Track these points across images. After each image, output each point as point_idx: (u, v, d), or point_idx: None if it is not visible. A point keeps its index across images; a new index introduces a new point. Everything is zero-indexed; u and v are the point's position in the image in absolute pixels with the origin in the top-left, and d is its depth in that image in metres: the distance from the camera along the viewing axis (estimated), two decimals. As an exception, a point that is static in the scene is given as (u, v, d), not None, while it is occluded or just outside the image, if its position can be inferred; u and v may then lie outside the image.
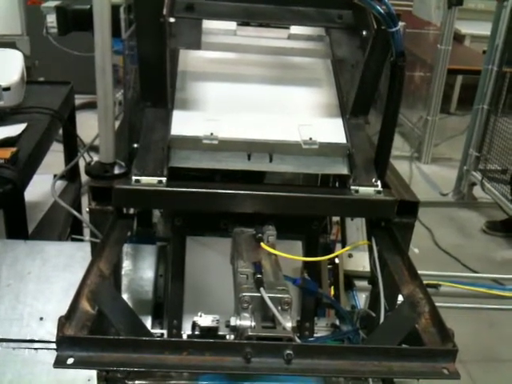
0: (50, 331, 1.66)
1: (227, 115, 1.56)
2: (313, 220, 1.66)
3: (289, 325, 1.10)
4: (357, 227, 1.99)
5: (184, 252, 1.64)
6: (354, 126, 1.56)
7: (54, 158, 2.66)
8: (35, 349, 1.66)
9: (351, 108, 1.58)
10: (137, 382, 1.43)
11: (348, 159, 1.49)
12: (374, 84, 1.55)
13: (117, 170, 1.45)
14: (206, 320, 1.58)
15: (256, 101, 1.65)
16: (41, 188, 2.40)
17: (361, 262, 1.92)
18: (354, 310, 1.76)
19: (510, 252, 4.06)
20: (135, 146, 1.51)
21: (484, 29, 4.94)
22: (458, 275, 2.53)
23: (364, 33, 1.47)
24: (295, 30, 1.72)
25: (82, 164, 1.65)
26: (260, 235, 1.42)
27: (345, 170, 1.48)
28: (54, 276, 1.77)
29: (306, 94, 1.70)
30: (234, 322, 1.12)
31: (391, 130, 1.47)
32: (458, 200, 4.73)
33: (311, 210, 1.49)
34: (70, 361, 0.99)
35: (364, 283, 1.86)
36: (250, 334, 1.08)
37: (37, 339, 1.67)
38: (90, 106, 4.40)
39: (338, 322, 1.77)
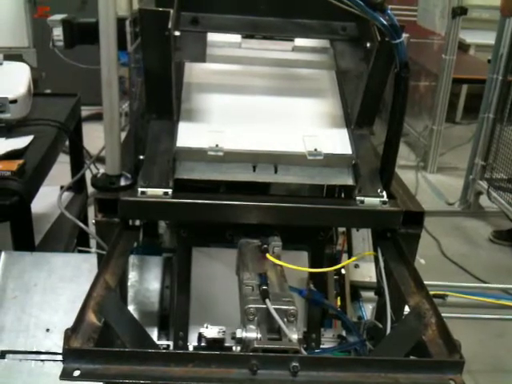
0: (56, 343, 1.66)
1: (232, 127, 1.56)
2: (318, 231, 1.66)
3: (295, 336, 1.10)
4: (363, 238, 1.99)
5: (190, 263, 1.64)
6: (359, 137, 1.57)
7: (61, 170, 2.67)
8: (42, 360, 1.66)
9: (356, 119, 1.59)
10: (143, 394, 1.42)
11: (353, 170, 1.50)
12: (379, 95, 1.56)
13: (123, 182, 1.46)
14: (212, 332, 1.57)
15: (261, 112, 1.66)
16: (47, 200, 2.41)
17: (367, 272, 1.92)
18: (360, 321, 1.76)
19: (518, 261, 4.04)
20: (141, 157, 1.52)
21: (488, 38, 4.95)
22: (465, 285, 2.51)
23: (368, 44, 1.48)
24: (299, 42, 1.73)
25: (88, 175, 1.66)
26: (265, 246, 1.42)
27: (350, 181, 1.49)
28: (61, 287, 1.78)
29: (311, 104, 1.71)
30: (239, 333, 1.12)
31: (396, 140, 1.47)
32: (464, 209, 4.71)
33: (317, 221, 1.49)
34: (77, 373, 0.99)
35: (370, 294, 1.86)
36: (255, 346, 1.08)
37: (43, 351, 1.67)
38: (97, 117, 4.43)
39: (344, 333, 1.77)
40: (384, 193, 1.45)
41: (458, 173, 5.02)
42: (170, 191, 1.41)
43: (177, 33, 1.44)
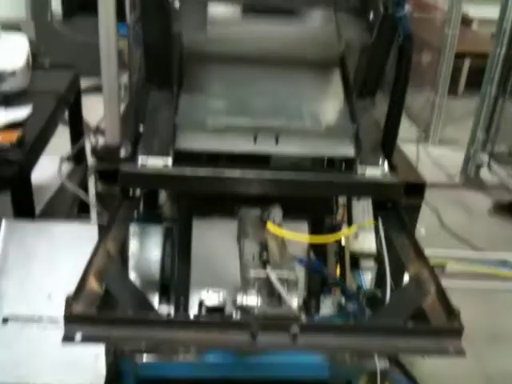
0: (58, 309, 1.66)
1: (233, 97, 1.55)
2: (319, 201, 1.67)
3: (295, 303, 1.11)
4: (363, 208, 1.98)
5: (190, 232, 1.65)
6: (361, 108, 1.56)
7: (61, 142, 2.66)
8: (44, 326, 1.68)
9: (358, 89, 1.58)
10: (144, 357, 1.44)
11: (354, 141, 1.49)
12: (381, 66, 1.54)
13: (123, 153, 1.46)
14: (212, 299, 1.59)
15: (262, 83, 1.64)
16: (47, 170, 2.40)
17: (367, 242, 1.92)
18: (359, 290, 1.77)
19: (518, 234, 4.05)
20: (141, 128, 1.51)
21: (492, 12, 4.88)
22: (464, 254, 2.52)
23: (371, 16, 1.46)
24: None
25: (88, 147, 1.65)
26: (266, 216, 1.43)
27: (351, 152, 1.48)
28: (62, 256, 1.78)
29: (313, 75, 1.69)
30: (240, 300, 1.13)
31: (398, 112, 1.46)
32: (464, 182, 4.70)
33: (318, 193, 1.49)
34: (78, 337, 1.01)
35: (370, 263, 1.87)
36: (256, 312, 1.09)
37: (45, 317, 1.69)
38: (96, 89, 4.39)
39: (343, 301, 1.78)
40: (385, 164, 1.45)
41: (460, 146, 4.99)
42: (170, 162, 1.40)
43: (177, 3, 1.42)
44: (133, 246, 1.78)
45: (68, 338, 1.01)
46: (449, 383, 2.56)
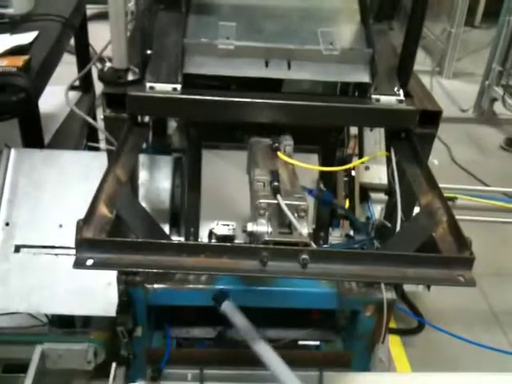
0: (69, 238, 1.68)
1: (245, 20, 1.49)
2: (330, 131, 1.64)
3: (305, 231, 1.10)
4: (374, 140, 1.95)
5: (200, 161, 1.64)
6: (378, 32, 1.50)
7: (67, 70, 2.61)
8: (55, 254, 1.70)
9: (375, 12, 1.51)
10: (155, 285, 1.46)
11: (370, 66, 1.44)
12: (400, -14, 1.47)
13: (130, 77, 1.42)
14: (222, 228, 1.59)
15: (274, 6, 1.58)
16: (55, 99, 2.36)
17: (377, 174, 1.91)
18: (368, 221, 1.77)
19: (528, 169, 4.02)
20: (148, 52, 1.46)
21: None
22: (475, 188, 2.50)
23: None
24: None
25: (95, 76, 1.60)
26: (277, 145, 1.40)
27: (366, 78, 1.43)
28: (71, 184, 1.78)
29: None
30: (250, 227, 1.13)
31: (416, 36, 1.40)
32: (477, 116, 4.63)
33: (331, 120, 1.45)
34: (90, 262, 1.01)
35: (380, 195, 1.86)
36: (266, 239, 1.09)
37: (57, 245, 1.70)
38: (102, 16, 4.27)
39: (352, 233, 1.79)
40: (401, 91, 1.41)
41: (474, 79, 4.88)
42: (178, 87, 1.37)
43: None
44: (142, 176, 1.78)
45: (79, 263, 1.01)
46: (453, 317, 2.61)
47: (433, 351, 2.50)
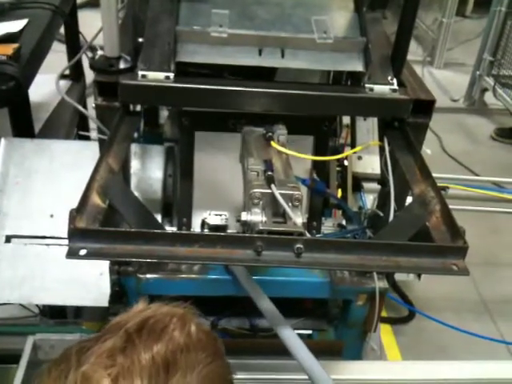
0: (60, 228, 1.67)
1: (238, 8, 1.48)
2: (323, 120, 1.63)
3: (299, 220, 1.10)
4: (367, 129, 1.95)
5: (192, 151, 1.62)
6: (371, 20, 1.49)
7: (57, 59, 2.58)
8: (47, 245, 1.69)
9: (369, 1, 1.50)
10: (148, 275, 1.46)
11: (364, 55, 1.43)
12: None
13: (122, 65, 1.40)
14: (214, 218, 1.59)
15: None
16: (45, 88, 2.34)
17: (370, 164, 1.91)
18: (361, 211, 1.77)
19: (519, 159, 4.05)
20: (140, 40, 1.45)
21: None
22: (466, 178, 2.52)
23: None
24: None
25: (86, 65, 1.58)
26: (270, 134, 1.39)
27: (360, 67, 1.43)
28: (63, 174, 1.77)
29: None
30: (244, 217, 1.12)
31: (410, 25, 1.39)
32: (468, 106, 4.65)
33: (325, 110, 1.44)
34: (83, 252, 1.00)
35: (372, 185, 1.86)
36: (260, 228, 1.08)
37: (48, 235, 1.69)
38: (93, 4, 4.23)
39: (344, 223, 1.79)
40: (394, 80, 1.40)
41: (465, 69, 4.90)
42: (171, 75, 1.35)
43: None
44: (134, 166, 1.76)
45: (72, 252, 1.00)
46: (443, 306, 2.63)
47: (423, 339, 2.53)
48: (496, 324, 2.67)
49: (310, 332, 1.78)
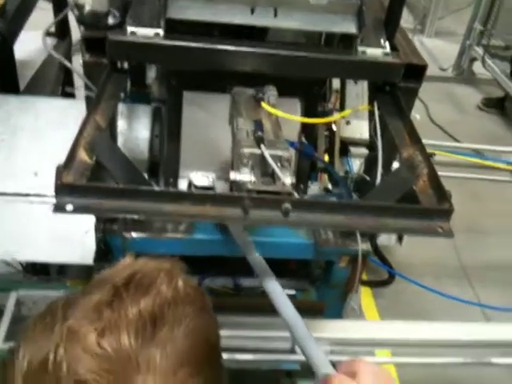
0: (45, 186, 1.65)
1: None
2: (313, 83, 1.62)
3: (288, 180, 1.10)
4: (357, 94, 1.94)
5: (180, 111, 1.61)
6: (365, -18, 1.46)
7: (42, 17, 2.51)
8: (31, 202, 1.67)
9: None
10: (133, 234, 1.46)
11: (357, 18, 1.41)
12: None
13: (111, 20, 1.37)
14: (201, 179, 1.58)
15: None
16: (30, 45, 2.28)
17: (358, 129, 1.90)
18: (347, 175, 1.77)
19: (503, 128, 4.07)
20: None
21: None
22: (453, 145, 2.53)
23: None
24: None
25: (72, 23, 1.53)
26: (261, 95, 1.38)
27: (353, 29, 1.41)
28: (48, 132, 1.74)
29: None
30: (233, 176, 1.12)
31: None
32: (456, 75, 4.64)
33: (316, 72, 1.43)
34: (70, 207, 1.00)
35: (359, 150, 1.86)
36: (249, 187, 1.08)
37: (32, 193, 1.67)
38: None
39: (330, 187, 1.79)
40: (387, 44, 1.39)
41: (455, 38, 4.87)
42: (161, 32, 1.33)
43: None
44: (121, 126, 1.74)
45: (59, 207, 1.00)
46: (423, 271, 2.67)
47: (401, 302, 2.57)
48: (474, 288, 2.73)
49: (293, 292, 1.80)
